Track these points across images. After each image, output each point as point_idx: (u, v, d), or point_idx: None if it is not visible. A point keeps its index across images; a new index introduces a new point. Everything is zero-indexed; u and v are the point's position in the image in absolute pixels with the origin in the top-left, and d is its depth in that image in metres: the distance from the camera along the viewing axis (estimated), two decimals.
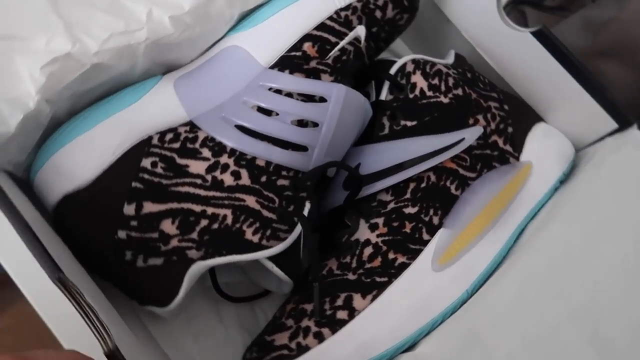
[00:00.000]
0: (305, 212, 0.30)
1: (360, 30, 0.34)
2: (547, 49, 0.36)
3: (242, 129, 0.30)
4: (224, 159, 0.29)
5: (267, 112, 0.30)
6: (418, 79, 0.35)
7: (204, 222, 0.28)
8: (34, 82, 0.25)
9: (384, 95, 0.35)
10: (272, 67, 0.31)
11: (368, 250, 0.29)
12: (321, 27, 0.32)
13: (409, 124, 0.34)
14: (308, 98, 0.31)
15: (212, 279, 0.32)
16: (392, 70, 0.35)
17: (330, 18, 0.32)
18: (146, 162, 0.28)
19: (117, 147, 0.28)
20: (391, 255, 0.29)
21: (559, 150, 0.36)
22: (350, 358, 0.26)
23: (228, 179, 0.28)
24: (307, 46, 0.32)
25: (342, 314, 0.27)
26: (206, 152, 0.29)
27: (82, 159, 0.28)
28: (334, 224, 0.32)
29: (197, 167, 0.28)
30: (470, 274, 0.29)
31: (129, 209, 0.27)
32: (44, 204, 0.29)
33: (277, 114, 0.30)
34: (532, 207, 0.33)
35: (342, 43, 0.33)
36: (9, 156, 0.27)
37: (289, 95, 0.31)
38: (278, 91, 0.31)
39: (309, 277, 0.30)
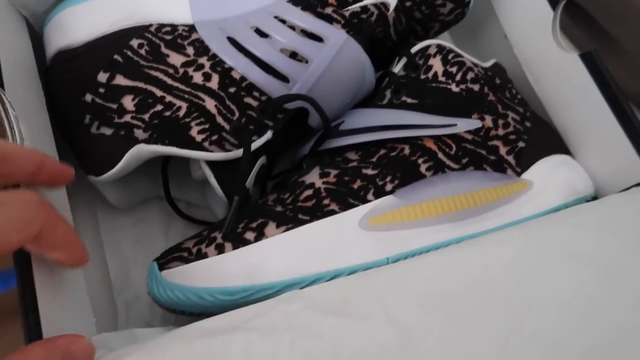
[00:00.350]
0: (263, 140, 0.29)
1: None
2: (592, 76, 0.32)
3: (232, 41, 0.30)
4: (202, 59, 0.29)
5: (262, 35, 0.30)
6: (436, 62, 0.33)
7: (159, 107, 0.28)
8: None
9: (397, 69, 0.34)
10: (288, 1, 0.32)
11: (307, 192, 0.27)
12: None
13: (409, 100, 0.32)
14: (308, 35, 0.31)
15: (165, 188, 0.32)
16: (414, 49, 0.34)
17: None
18: (134, 42, 0.29)
19: (116, 21, 0.30)
20: (326, 202, 0.27)
21: (571, 183, 0.31)
22: (239, 276, 0.24)
23: (197, 77, 0.29)
24: None
25: (249, 235, 0.25)
26: (190, 50, 0.29)
27: (83, 21, 0.30)
28: (297, 168, 0.31)
29: (175, 59, 0.29)
30: (399, 246, 0.26)
31: (103, 77, 0.29)
32: (46, 59, 0.31)
33: (271, 38, 0.30)
34: (507, 223, 0.29)
35: (365, 1, 0.32)
36: (25, 0, 0.30)
37: (292, 27, 0.31)
38: (282, 20, 0.31)
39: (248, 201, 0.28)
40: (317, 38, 0.31)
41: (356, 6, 0.32)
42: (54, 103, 0.30)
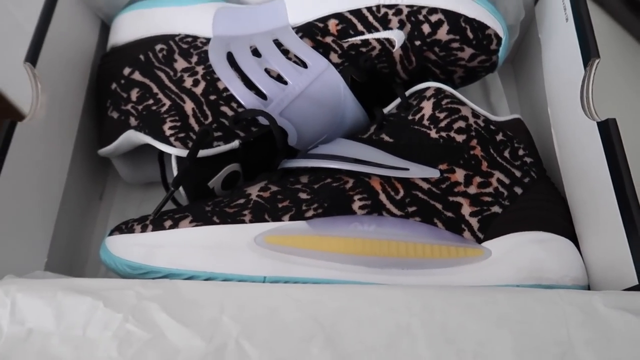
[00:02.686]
0: (228, 147, 0.32)
1: (396, 34, 0.33)
2: (605, 149, 0.28)
3: (229, 56, 0.33)
4: (199, 68, 0.33)
5: (257, 54, 0.33)
6: (427, 105, 0.32)
7: (150, 101, 0.33)
8: None
9: (389, 108, 0.33)
10: (294, 27, 0.34)
11: (240, 200, 0.29)
12: (355, 12, 0.33)
13: (386, 138, 0.31)
14: (296, 60, 0.32)
15: (162, 174, 0.37)
16: (412, 90, 0.33)
17: (369, 8, 0.33)
18: (158, 47, 0.35)
19: (152, 28, 0.35)
20: (245, 212, 0.28)
21: (536, 265, 0.27)
22: (141, 255, 0.27)
23: (188, 82, 0.33)
24: (331, 23, 0.33)
25: (167, 223, 0.28)
26: (194, 58, 0.34)
27: (129, 26, 0.36)
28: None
29: (180, 64, 0.34)
30: (281, 269, 0.25)
31: (126, 71, 0.34)
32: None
33: (260, 57, 0.33)
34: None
35: (367, 35, 0.33)
36: (99, 4, 0.38)
37: (285, 51, 0.33)
38: (279, 44, 0.33)
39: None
40: (302, 63, 0.32)
41: (356, 38, 0.33)
42: (96, 87, 0.37)
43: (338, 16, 0.33)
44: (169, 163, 0.37)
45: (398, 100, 0.33)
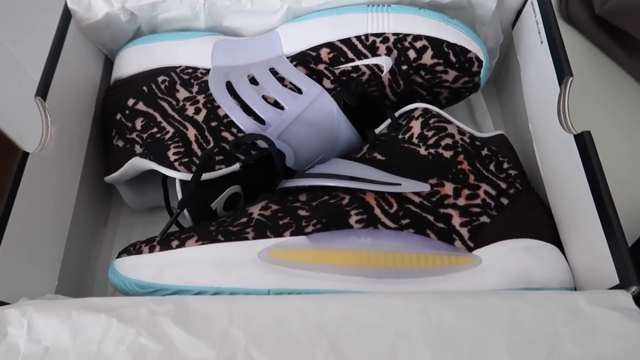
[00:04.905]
0: (229, 170, 0.33)
1: (384, 60, 0.35)
2: (582, 159, 0.30)
3: (228, 84, 0.35)
4: (200, 97, 0.35)
5: (254, 82, 0.35)
6: (416, 124, 0.34)
7: (155, 129, 0.34)
8: None
9: (380, 128, 0.35)
10: (288, 57, 0.36)
11: (242, 219, 0.31)
12: (345, 41, 0.35)
13: (378, 157, 0.33)
14: (291, 86, 0.34)
15: (165, 198, 0.38)
16: (400, 111, 0.35)
17: (358, 37, 0.35)
18: (160, 78, 0.37)
19: (154, 61, 0.38)
20: (248, 230, 0.30)
21: (524, 270, 0.29)
22: (150, 274, 0.29)
23: (190, 110, 0.35)
24: (323, 51, 0.35)
25: (174, 243, 0.30)
26: (195, 88, 0.36)
27: (132, 59, 0.38)
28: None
29: (182, 93, 0.36)
30: (284, 282, 0.27)
31: (130, 102, 0.36)
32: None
33: (258, 84, 0.35)
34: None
35: (357, 62, 0.35)
36: (103, 40, 0.40)
37: (281, 79, 0.35)
38: (275, 72, 0.35)
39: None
40: (298, 90, 0.34)
41: (347, 65, 0.35)
42: (101, 118, 0.39)
43: (329, 45, 0.35)
44: (172, 188, 0.38)
45: (388, 121, 0.35)
